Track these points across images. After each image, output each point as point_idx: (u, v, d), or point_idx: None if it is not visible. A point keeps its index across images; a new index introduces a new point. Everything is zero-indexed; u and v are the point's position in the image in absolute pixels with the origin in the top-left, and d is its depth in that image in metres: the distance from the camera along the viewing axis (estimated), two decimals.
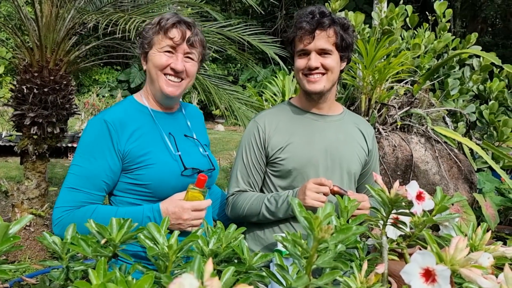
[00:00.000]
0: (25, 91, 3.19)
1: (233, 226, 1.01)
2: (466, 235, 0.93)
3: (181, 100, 1.69)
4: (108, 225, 0.92)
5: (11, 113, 3.40)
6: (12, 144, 7.00)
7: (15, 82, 3.36)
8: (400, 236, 1.01)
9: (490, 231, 0.86)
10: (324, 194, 1.40)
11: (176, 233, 0.89)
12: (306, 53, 1.52)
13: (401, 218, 0.92)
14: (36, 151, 3.32)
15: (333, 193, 1.42)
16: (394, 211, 0.93)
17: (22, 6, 3.37)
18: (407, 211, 0.87)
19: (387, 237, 0.96)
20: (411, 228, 1.01)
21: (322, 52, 1.50)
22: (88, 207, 1.35)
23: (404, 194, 0.82)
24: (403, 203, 0.87)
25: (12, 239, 0.77)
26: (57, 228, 1.35)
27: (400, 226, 0.92)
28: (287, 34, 1.58)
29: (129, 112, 1.47)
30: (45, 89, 3.23)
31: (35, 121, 3.23)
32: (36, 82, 3.21)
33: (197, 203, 1.32)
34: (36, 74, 3.23)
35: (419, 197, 0.84)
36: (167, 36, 1.43)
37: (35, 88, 3.21)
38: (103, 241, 0.91)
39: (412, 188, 0.84)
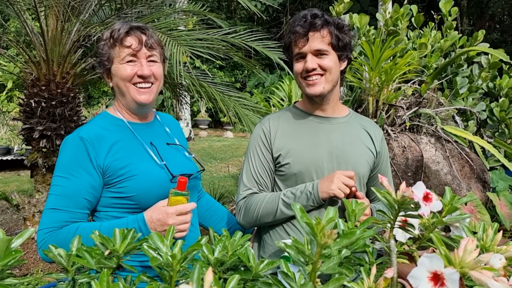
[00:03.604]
0: (33, 104, 3.23)
1: (238, 233, 1.00)
2: (476, 235, 0.90)
3: (156, 110, 1.69)
4: (112, 237, 0.91)
5: (20, 127, 3.44)
6: (23, 157, 7.07)
7: (23, 97, 3.40)
8: (410, 238, 0.99)
9: (501, 231, 0.83)
10: (349, 189, 1.43)
11: (180, 242, 0.87)
12: (302, 56, 1.51)
13: (410, 220, 0.90)
14: (45, 164, 3.35)
15: (352, 193, 1.45)
16: (402, 213, 0.90)
17: (29, 21, 3.41)
18: (415, 213, 0.85)
19: (396, 240, 0.93)
20: (421, 230, 0.98)
21: (318, 53, 1.49)
22: (70, 226, 1.31)
23: (410, 196, 0.80)
24: (411, 205, 0.85)
25: (14, 253, 0.76)
26: (41, 251, 1.29)
27: (409, 228, 0.89)
28: (283, 41, 1.58)
29: (105, 126, 1.44)
30: (53, 102, 3.26)
31: (44, 134, 3.27)
32: (43, 96, 3.25)
33: (181, 207, 1.31)
34: (43, 88, 3.26)
35: (426, 198, 0.82)
36: (123, 45, 1.41)
37: (43, 101, 3.24)
38: (106, 252, 0.90)
39: (419, 189, 0.81)
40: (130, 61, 1.41)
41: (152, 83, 1.45)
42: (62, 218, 1.32)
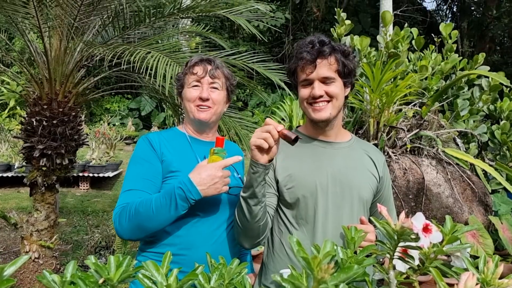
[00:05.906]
0: (34, 123, 3.23)
1: (236, 261, 0.98)
2: (476, 261, 0.88)
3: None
4: (107, 264, 0.90)
5: (21, 145, 3.44)
6: (23, 174, 7.06)
7: (25, 115, 3.41)
8: (410, 268, 0.97)
9: (503, 264, 0.82)
10: (273, 137, 1.31)
11: (175, 271, 0.86)
12: (309, 83, 1.51)
13: (409, 251, 0.88)
14: (45, 183, 3.33)
15: (282, 136, 1.33)
16: (402, 243, 0.89)
17: (33, 41, 3.44)
18: (414, 244, 0.83)
19: (395, 270, 0.92)
20: (422, 258, 0.97)
21: (325, 80, 1.49)
22: (136, 200, 1.50)
23: (410, 227, 0.79)
24: (411, 236, 0.84)
25: (6, 282, 0.75)
26: (116, 224, 1.51)
27: (408, 260, 0.88)
28: (289, 65, 1.58)
29: (168, 134, 1.72)
30: (54, 121, 3.26)
31: (44, 153, 3.26)
32: (45, 115, 3.25)
33: (224, 161, 1.49)
34: (45, 107, 3.27)
35: (426, 229, 0.81)
36: (192, 73, 1.68)
37: (44, 120, 3.24)
38: (101, 281, 0.88)
39: (418, 220, 0.80)
40: (196, 86, 1.68)
41: (210, 107, 1.68)
42: (131, 196, 1.53)
